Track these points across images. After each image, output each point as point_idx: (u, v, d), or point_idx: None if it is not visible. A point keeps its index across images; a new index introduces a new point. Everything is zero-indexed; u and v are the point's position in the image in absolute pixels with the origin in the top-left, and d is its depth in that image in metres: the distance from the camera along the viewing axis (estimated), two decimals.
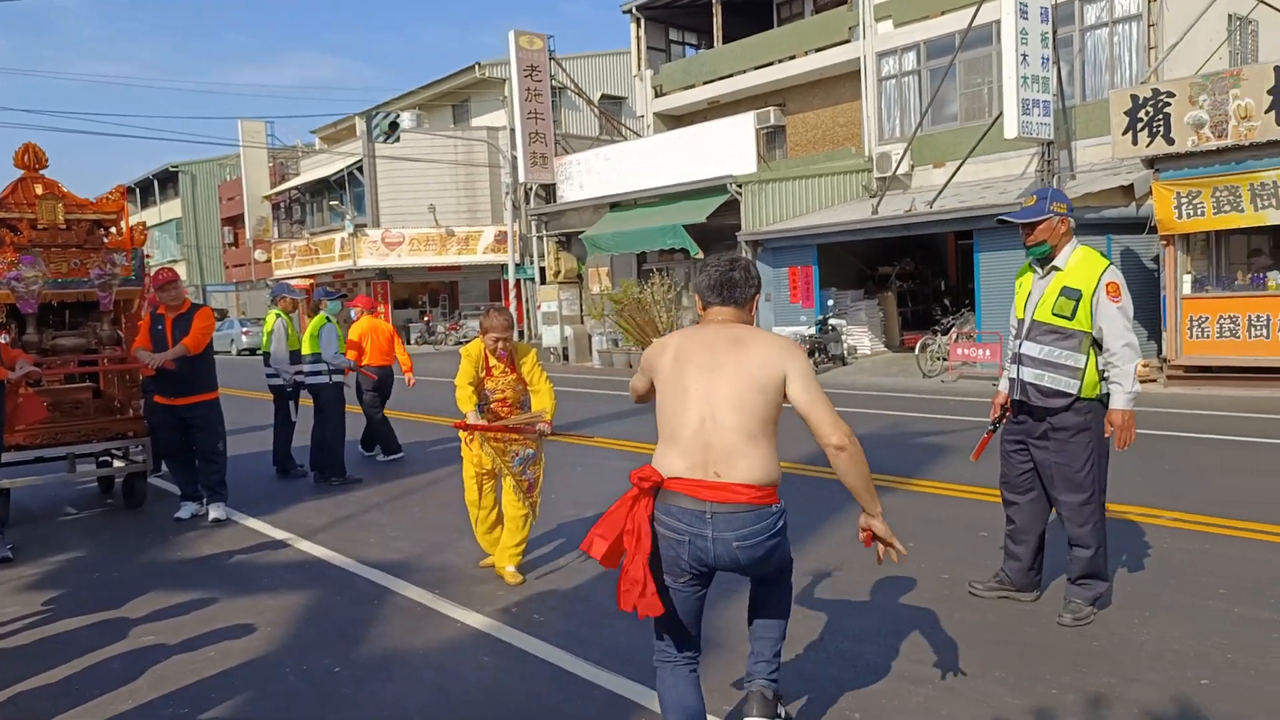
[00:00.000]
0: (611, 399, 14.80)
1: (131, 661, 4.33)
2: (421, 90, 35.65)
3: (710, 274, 3.11)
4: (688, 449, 2.84)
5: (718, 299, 3.08)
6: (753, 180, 19.38)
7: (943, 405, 12.15)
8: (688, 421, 2.86)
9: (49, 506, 8.04)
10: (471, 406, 5.14)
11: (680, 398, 2.90)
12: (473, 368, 5.21)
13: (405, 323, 34.59)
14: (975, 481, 7.13)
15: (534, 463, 5.33)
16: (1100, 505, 4.35)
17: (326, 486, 8.34)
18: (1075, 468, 4.27)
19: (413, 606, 4.97)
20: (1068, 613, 4.30)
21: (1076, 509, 4.31)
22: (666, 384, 2.96)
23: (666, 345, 3.05)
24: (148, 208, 52.81)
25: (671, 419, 2.91)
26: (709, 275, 3.11)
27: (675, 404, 2.91)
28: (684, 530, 2.82)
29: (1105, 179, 14.88)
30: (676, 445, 2.87)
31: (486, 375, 5.28)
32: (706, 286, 3.10)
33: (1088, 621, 4.26)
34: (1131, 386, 4.15)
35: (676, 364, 2.95)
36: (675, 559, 2.87)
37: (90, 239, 7.46)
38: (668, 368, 2.97)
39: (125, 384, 7.78)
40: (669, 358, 2.98)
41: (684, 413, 2.88)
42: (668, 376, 2.96)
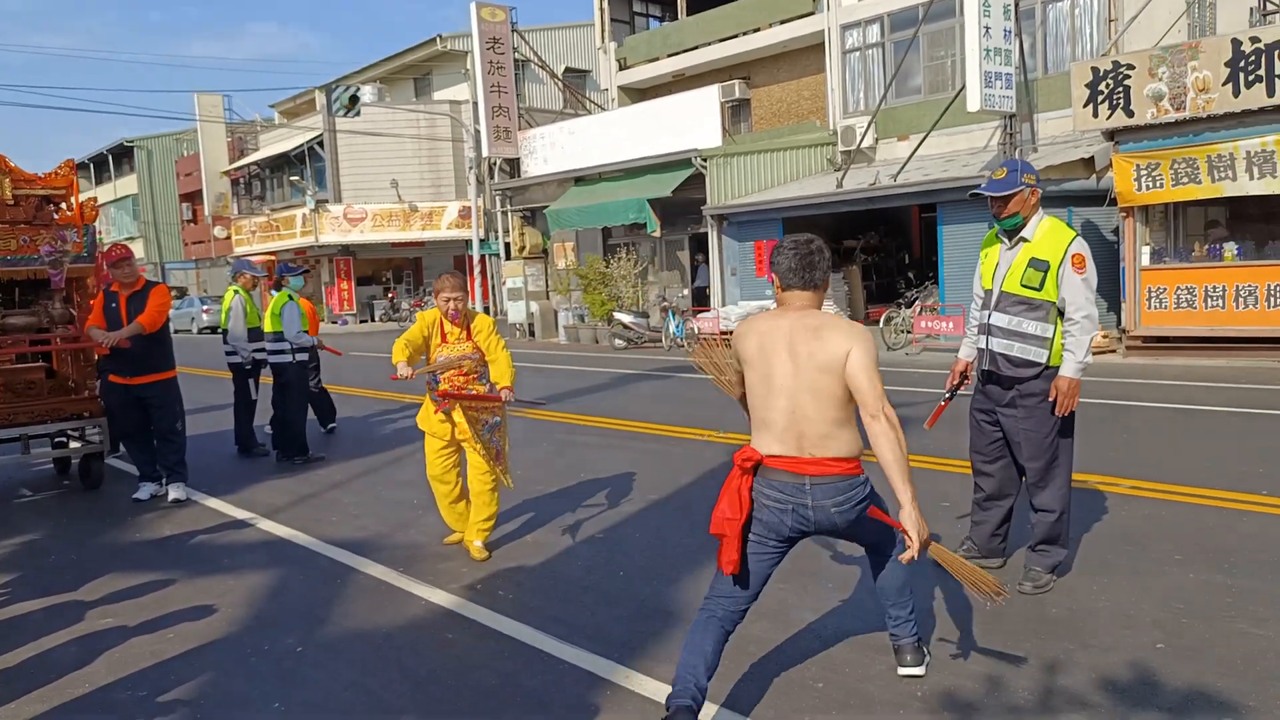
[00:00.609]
0: (577, 374, 14.77)
1: (88, 645, 4.25)
2: (382, 63, 35.11)
3: (790, 256, 3.22)
4: (782, 436, 3.10)
5: (799, 282, 3.21)
6: (718, 154, 19.33)
7: (906, 378, 12.25)
8: (778, 411, 3.10)
9: (3, 489, 7.88)
10: (402, 358, 5.09)
11: (767, 388, 3.13)
12: (421, 330, 5.20)
13: (369, 300, 34.23)
14: (937, 452, 7.20)
15: (498, 430, 5.30)
16: (1066, 471, 4.41)
17: (289, 465, 8.24)
18: (1043, 433, 4.33)
19: (377, 585, 4.93)
20: (1028, 581, 4.35)
21: (1042, 473, 4.37)
22: (754, 373, 3.17)
23: (750, 332, 3.22)
24: (103, 184, 51.69)
25: (762, 408, 3.15)
26: (789, 257, 3.22)
27: (764, 394, 3.14)
28: (787, 500, 3.11)
29: (1067, 151, 15.00)
30: (771, 432, 3.12)
31: (442, 342, 5.24)
32: (788, 269, 3.21)
33: (1047, 589, 4.32)
34: (1083, 356, 4.22)
35: (761, 354, 3.14)
36: (779, 524, 3.15)
37: (39, 215, 7.27)
38: (754, 356, 3.16)
39: (79, 363, 7.62)
40: (754, 346, 3.17)
41: (773, 403, 3.12)
42: (754, 365, 3.16)
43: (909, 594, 3.55)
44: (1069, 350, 4.23)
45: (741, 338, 3.24)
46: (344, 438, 9.59)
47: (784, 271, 3.22)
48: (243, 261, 9.45)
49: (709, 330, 3.35)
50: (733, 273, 19.57)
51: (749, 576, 3.21)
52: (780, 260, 3.24)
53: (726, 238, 19.57)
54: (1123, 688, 3.38)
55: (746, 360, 3.19)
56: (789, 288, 3.23)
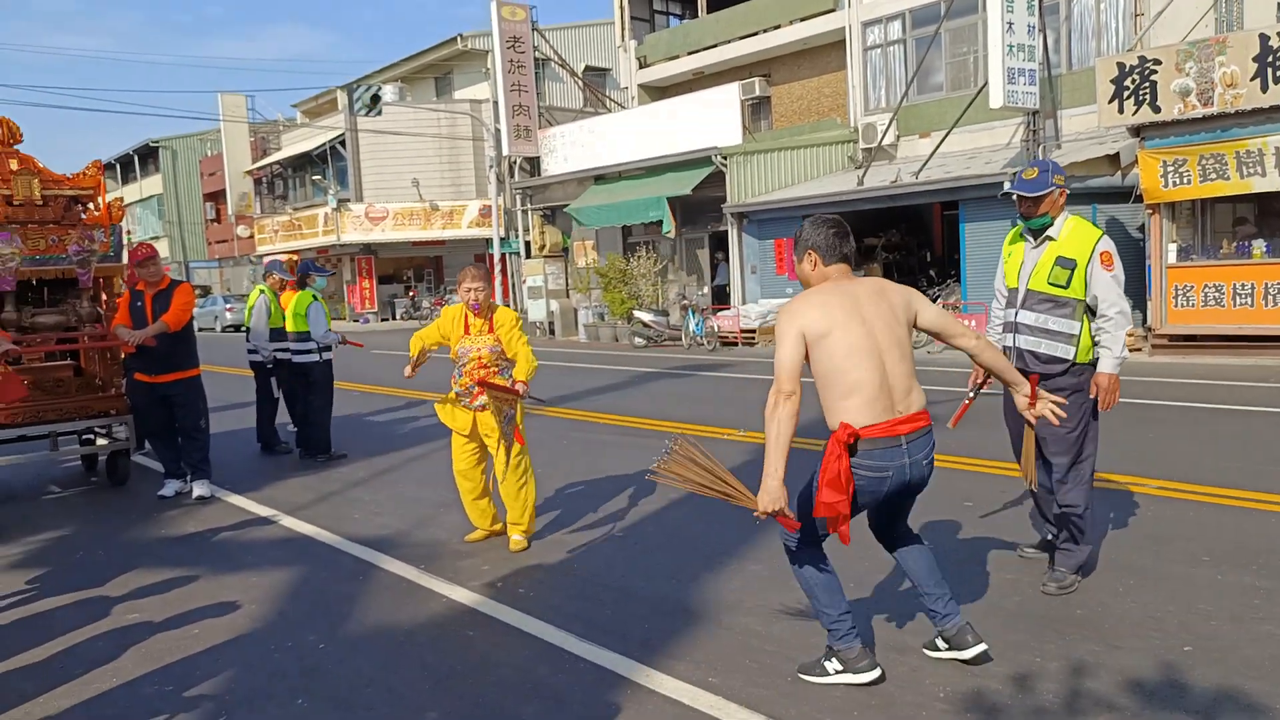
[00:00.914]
0: (597, 373, 14.78)
1: (116, 640, 4.30)
2: (403, 63, 35.26)
3: (828, 233, 3.35)
4: (874, 399, 3.20)
5: (839, 257, 3.36)
6: (738, 151, 19.28)
7: (927, 376, 12.18)
8: (868, 373, 3.19)
9: (32, 485, 7.99)
10: (415, 350, 5.34)
11: (852, 355, 3.19)
12: (439, 327, 5.37)
13: (390, 298, 34.40)
14: (960, 451, 7.15)
15: (510, 422, 5.32)
16: (1090, 467, 4.41)
17: (311, 463, 8.30)
18: (1069, 428, 4.30)
19: (398, 582, 4.96)
20: (1052, 581, 4.32)
21: (1068, 469, 4.36)
22: (833, 344, 3.20)
23: (809, 308, 3.24)
24: (128, 184, 52.22)
25: (847, 376, 3.21)
26: (828, 234, 3.35)
27: (848, 362, 3.20)
28: (888, 467, 3.24)
29: (1091, 148, 14.86)
30: (860, 396, 3.20)
31: (464, 334, 5.29)
32: (830, 245, 3.35)
33: (1072, 589, 4.29)
34: (1120, 351, 4.26)
35: (837, 325, 3.20)
36: (876, 491, 3.30)
37: (68, 215, 7.35)
38: (829, 329, 3.20)
39: (106, 361, 7.70)
40: (822, 320, 3.21)
41: (862, 368, 3.19)
42: (832, 337, 3.20)
43: (940, 574, 3.61)
44: (1105, 347, 4.26)
45: (801, 315, 3.23)
46: (365, 435, 9.64)
47: (827, 248, 3.35)
48: (275, 263, 9.50)
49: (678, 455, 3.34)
50: (753, 270, 19.52)
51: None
52: (818, 237, 3.36)
53: (747, 236, 19.53)
54: (1150, 690, 3.35)
55: (819, 335, 3.19)
56: (831, 262, 3.35)
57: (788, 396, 3.18)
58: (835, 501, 3.16)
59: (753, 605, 4.35)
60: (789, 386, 3.18)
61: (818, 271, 3.38)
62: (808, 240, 3.39)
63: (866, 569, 4.74)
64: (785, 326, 3.24)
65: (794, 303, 3.30)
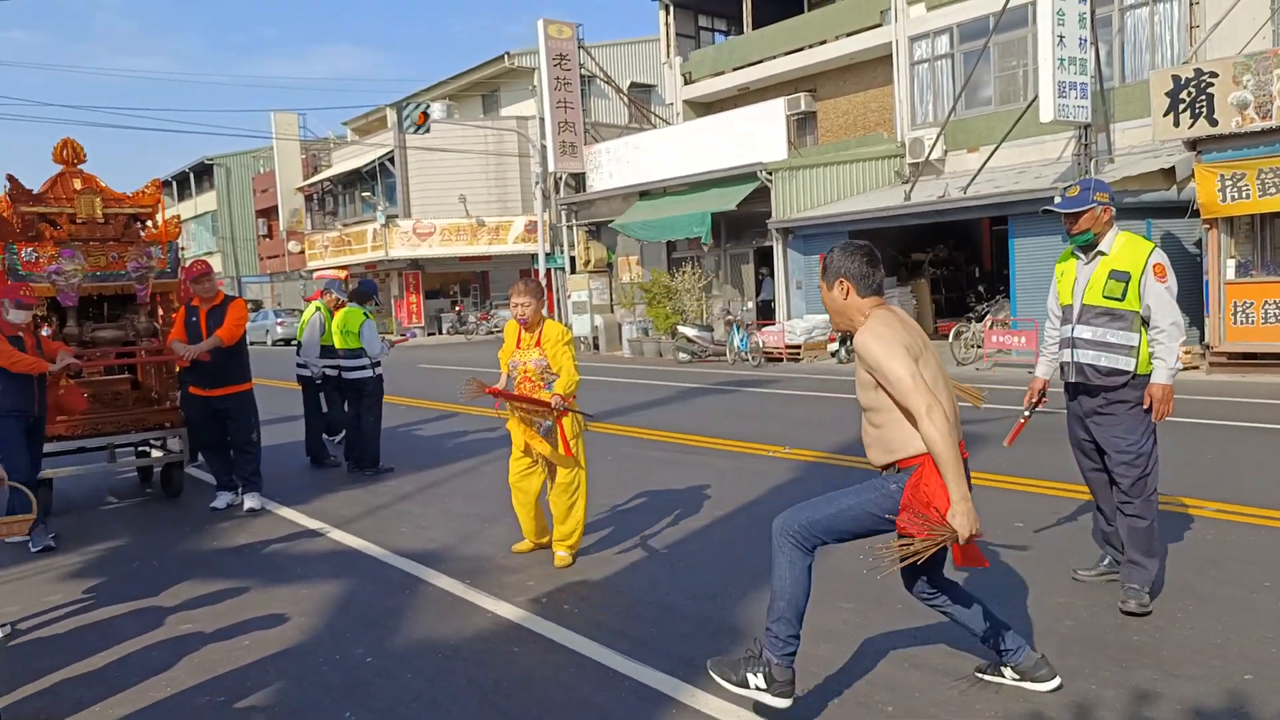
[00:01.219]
0: (642, 388, 14.78)
1: (170, 649, 4.38)
2: (451, 80, 35.76)
3: (862, 262, 3.23)
4: (955, 423, 3.11)
5: (874, 288, 3.25)
6: (783, 167, 19.24)
7: None
8: (948, 399, 3.15)
9: (91, 496, 8.18)
10: (503, 370, 5.53)
11: (934, 379, 3.13)
12: (507, 342, 5.54)
13: (437, 313, 34.78)
14: (1011, 471, 7.04)
15: (553, 433, 5.33)
16: (1155, 479, 4.38)
17: (359, 476, 8.40)
18: (1132, 439, 4.32)
19: (444, 596, 4.99)
20: (1131, 598, 4.25)
21: (1133, 481, 4.32)
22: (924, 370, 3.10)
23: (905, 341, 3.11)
24: (184, 200, 53.48)
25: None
26: (862, 263, 3.22)
27: (933, 385, 3.10)
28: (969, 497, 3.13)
29: (1145, 162, 14.59)
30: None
31: (516, 348, 5.45)
32: (862, 276, 3.23)
33: (1148, 608, 4.22)
34: (1174, 363, 4.26)
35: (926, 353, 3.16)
36: None
37: (127, 232, 7.54)
38: (921, 354, 3.14)
39: (162, 375, 7.88)
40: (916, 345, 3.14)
41: (941, 391, 3.13)
42: (924, 362, 3.13)
43: (993, 616, 3.48)
44: (1159, 358, 4.26)
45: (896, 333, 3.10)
46: (412, 449, 9.74)
47: (860, 277, 3.24)
48: (334, 282, 9.66)
49: None
50: (798, 286, 19.42)
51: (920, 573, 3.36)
52: (852, 266, 3.23)
53: (792, 251, 19.45)
54: (1210, 719, 3.26)
55: (915, 353, 3.10)
56: (868, 294, 3.24)
57: (938, 405, 2.99)
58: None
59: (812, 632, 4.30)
60: (930, 397, 2.99)
61: (851, 301, 3.23)
62: (840, 268, 3.24)
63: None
64: (886, 345, 3.06)
65: (877, 326, 3.12)
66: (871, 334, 3.10)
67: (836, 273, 3.25)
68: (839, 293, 3.26)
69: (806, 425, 9.63)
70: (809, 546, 3.26)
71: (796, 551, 3.25)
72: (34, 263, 7.02)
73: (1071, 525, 5.63)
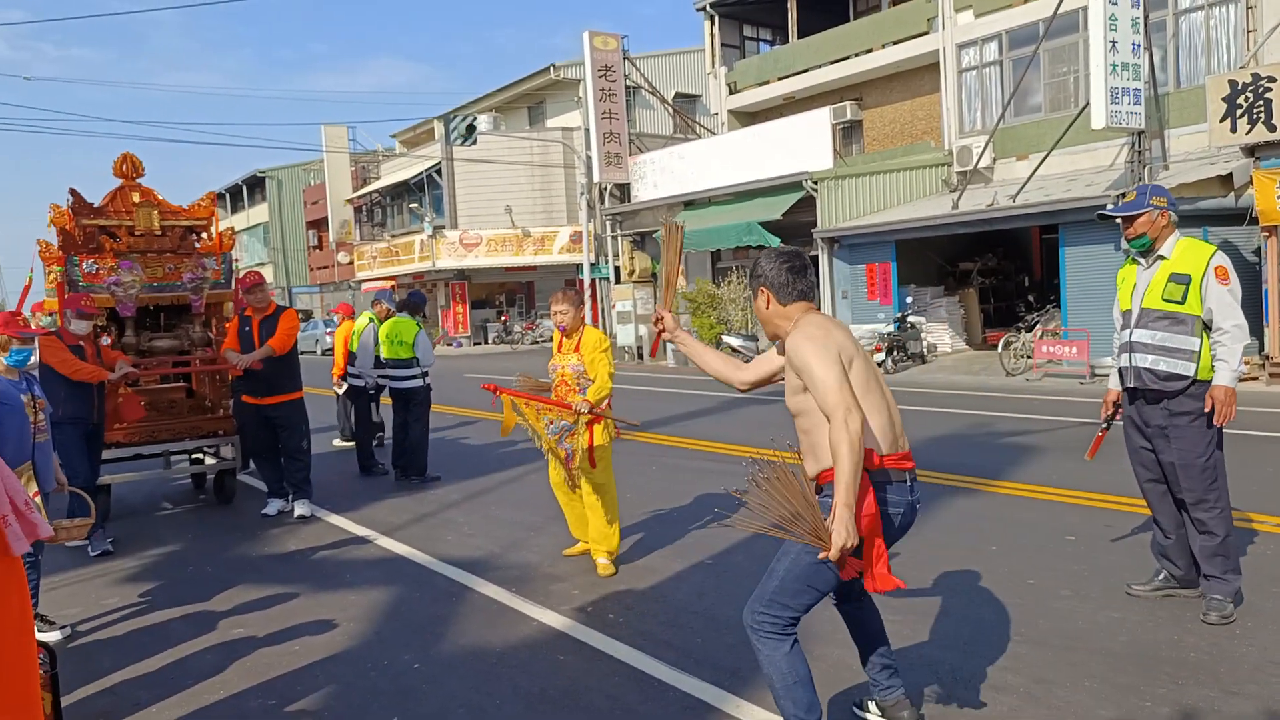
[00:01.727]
0: (686, 398, 14.77)
1: (222, 653, 4.47)
2: (498, 93, 36.09)
3: (782, 268, 3.09)
4: (886, 426, 2.98)
5: (796, 295, 3.10)
6: (829, 176, 19.14)
7: (1027, 404, 11.83)
8: (881, 402, 3.00)
9: (147, 502, 8.36)
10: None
11: (869, 382, 2.98)
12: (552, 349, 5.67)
13: (483, 323, 35.08)
14: (1061, 484, 6.92)
15: (571, 435, 5.37)
16: (1224, 490, 4.29)
17: (406, 484, 8.49)
18: (1197, 452, 4.25)
19: (490, 604, 5.03)
20: (1213, 611, 4.18)
21: (1201, 495, 4.25)
22: (856, 373, 2.95)
23: (838, 342, 2.95)
24: (236, 212, 54.58)
25: (864, 403, 2.91)
26: (782, 270, 3.09)
27: (865, 391, 2.94)
28: (902, 503, 2.98)
29: (1201, 169, 14.29)
30: (877, 421, 2.95)
31: (557, 352, 5.60)
32: (783, 284, 3.09)
33: (1232, 619, 4.15)
34: (1237, 365, 4.17)
35: (859, 356, 3.00)
36: (893, 531, 2.99)
37: (183, 244, 7.72)
38: (855, 360, 2.97)
39: (216, 384, 8.04)
40: (850, 347, 2.98)
41: (874, 394, 2.98)
42: (856, 365, 2.97)
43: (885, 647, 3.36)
44: (1222, 360, 4.18)
45: (829, 335, 2.95)
46: (458, 458, 9.83)
47: (781, 285, 3.09)
48: (385, 293, 9.87)
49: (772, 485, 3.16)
50: (844, 295, 19.30)
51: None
52: (772, 273, 3.09)
53: (838, 260, 19.33)
54: None
55: (847, 360, 2.92)
56: (790, 300, 3.09)
57: (857, 412, 2.78)
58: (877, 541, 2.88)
59: (844, 638, 4.26)
60: (851, 403, 2.78)
61: (773, 309, 3.11)
62: (761, 276, 3.12)
63: (959, 605, 4.61)
64: (815, 345, 2.90)
65: (808, 328, 2.98)
66: (803, 335, 2.95)
67: (758, 280, 3.14)
68: (761, 301, 3.15)
69: None
70: (782, 628, 2.96)
71: (769, 641, 2.96)
72: (94, 274, 7.21)
73: (1127, 540, 5.52)
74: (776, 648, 2.94)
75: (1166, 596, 4.50)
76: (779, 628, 2.95)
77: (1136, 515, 5.82)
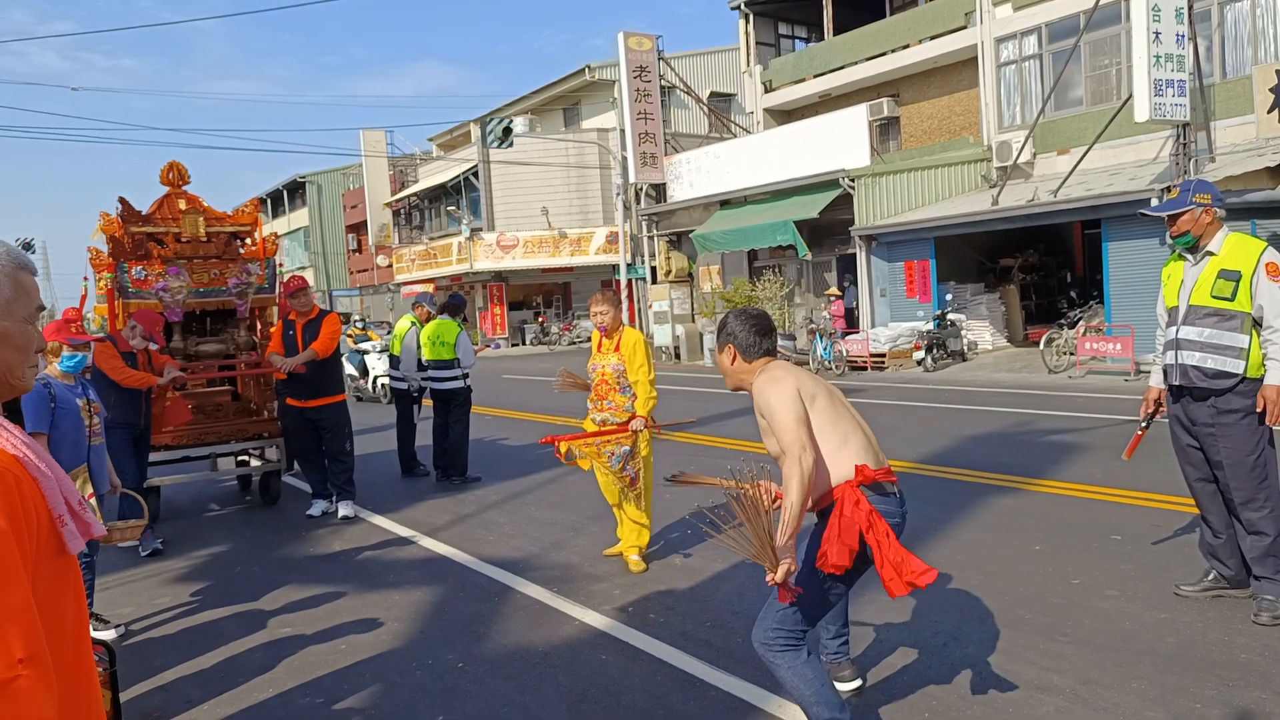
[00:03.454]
0: (723, 398, 14.74)
1: (271, 651, 4.56)
2: (533, 95, 36.27)
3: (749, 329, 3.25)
4: (866, 445, 3.11)
5: (761, 353, 3.26)
6: (866, 174, 19.01)
7: (1070, 402, 11.67)
8: (853, 425, 3.14)
9: (195, 503, 8.53)
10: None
11: (838, 411, 3.14)
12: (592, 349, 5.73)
13: (520, 324, 35.28)
14: (1106, 482, 6.83)
15: (633, 457, 5.45)
16: (1275, 489, 4.22)
17: (447, 485, 8.58)
18: (1246, 450, 4.18)
19: (531, 604, 5.07)
20: (1264, 611, 4.12)
21: (1251, 493, 4.18)
22: (822, 407, 3.10)
23: (798, 383, 3.09)
24: (278, 217, 55.37)
25: (838, 426, 3.10)
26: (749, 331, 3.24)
27: (835, 418, 3.11)
28: (896, 513, 3.10)
29: (1249, 160, 14.00)
30: (855, 442, 3.10)
31: (597, 352, 5.66)
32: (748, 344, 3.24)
33: None
34: None
35: (827, 393, 3.16)
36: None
37: (228, 250, 7.87)
38: (813, 390, 3.11)
39: (261, 387, 8.18)
40: (811, 386, 3.13)
41: (844, 419, 3.13)
42: (821, 400, 3.12)
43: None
44: (1272, 359, 4.09)
45: (789, 376, 3.11)
46: (499, 459, 9.90)
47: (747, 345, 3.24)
48: (425, 295, 9.95)
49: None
50: (882, 293, 19.15)
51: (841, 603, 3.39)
52: (741, 332, 3.25)
53: (875, 258, 19.19)
54: None
55: (810, 396, 3.07)
56: (755, 358, 3.24)
57: (811, 451, 2.93)
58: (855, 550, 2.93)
59: (884, 637, 4.26)
60: (807, 442, 2.93)
61: (737, 365, 3.26)
62: (729, 335, 3.27)
63: (1004, 606, 4.57)
64: (779, 387, 3.04)
65: (772, 371, 3.14)
66: (766, 379, 3.11)
67: (726, 339, 3.29)
68: (726, 357, 3.30)
69: (893, 434, 9.49)
70: (795, 642, 3.05)
71: (785, 655, 3.04)
72: (143, 280, 7.37)
73: (1174, 539, 5.44)
74: (795, 658, 3.05)
75: (1216, 597, 4.43)
76: (793, 640, 3.06)
77: (1184, 514, 5.73)
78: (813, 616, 3.10)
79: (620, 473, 5.44)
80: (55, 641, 2.51)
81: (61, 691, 2.57)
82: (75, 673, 2.66)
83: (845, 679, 3.67)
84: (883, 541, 2.94)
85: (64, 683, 2.68)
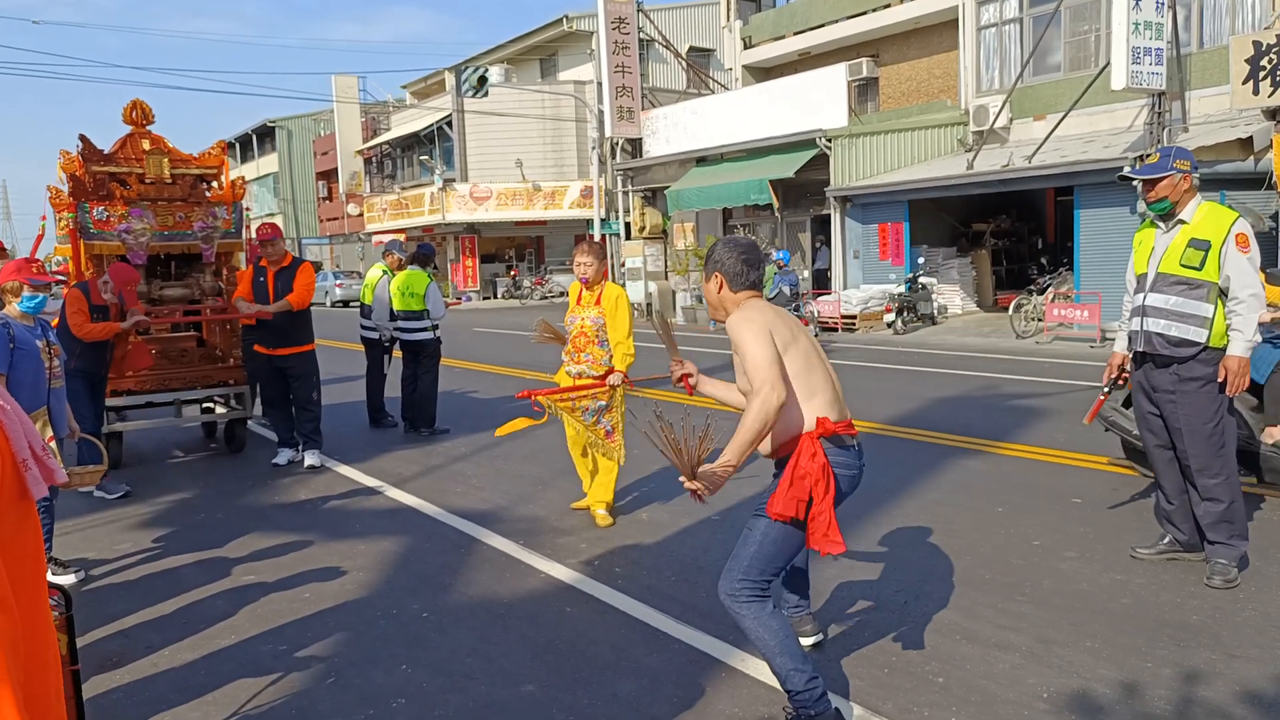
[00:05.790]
0: (694, 355, 14.76)
1: (233, 599, 4.53)
2: (510, 44, 35.66)
3: (738, 258, 3.21)
4: (833, 399, 3.12)
5: (747, 284, 3.23)
6: (843, 134, 18.92)
7: (1036, 367, 11.80)
8: (826, 380, 3.13)
9: (159, 450, 8.43)
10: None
11: (810, 359, 3.13)
12: (570, 302, 5.67)
13: (492, 277, 35.02)
14: (1069, 447, 6.92)
15: (608, 411, 5.46)
16: (1231, 458, 4.30)
17: (415, 436, 8.54)
18: (1204, 418, 4.24)
19: (498, 556, 5.08)
20: (1216, 575, 4.21)
21: (1207, 461, 4.25)
22: (795, 353, 3.08)
23: (772, 324, 3.06)
24: (246, 162, 54.33)
25: (810, 377, 3.10)
26: (738, 259, 3.21)
27: (807, 367, 3.10)
28: (854, 465, 3.15)
29: (1222, 131, 14.08)
30: (823, 396, 3.10)
31: (576, 304, 5.60)
32: (735, 273, 3.22)
33: (1236, 583, 4.18)
34: (1252, 335, 4.15)
35: (798, 338, 3.13)
36: (843, 494, 3.13)
37: (193, 193, 7.69)
38: (788, 336, 3.09)
39: (226, 333, 8.07)
40: (786, 331, 3.10)
41: (819, 371, 3.13)
42: (797, 346, 3.10)
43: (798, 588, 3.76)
44: (1237, 330, 4.15)
45: (762, 317, 3.07)
46: (467, 412, 9.87)
47: (734, 274, 3.22)
48: (395, 243, 9.80)
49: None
50: (855, 255, 19.19)
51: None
52: (728, 261, 3.22)
53: (850, 220, 19.19)
54: (1268, 702, 3.20)
55: (784, 343, 3.05)
56: (740, 289, 3.22)
57: (781, 391, 2.92)
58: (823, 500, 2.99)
59: (846, 594, 4.31)
60: (777, 381, 2.92)
61: (724, 294, 3.24)
62: (717, 263, 3.25)
63: (966, 566, 4.64)
64: (753, 326, 3.02)
65: (748, 311, 3.11)
66: (742, 317, 3.10)
67: (714, 267, 3.27)
68: (714, 285, 3.27)
69: (861, 395, 9.55)
70: (760, 594, 3.07)
71: (750, 605, 3.05)
72: (105, 221, 7.20)
73: (1132, 503, 5.53)
74: (761, 609, 3.06)
75: (1171, 560, 4.52)
76: (758, 591, 3.07)
77: (1143, 479, 5.83)
78: (776, 566, 3.11)
79: (595, 426, 5.44)
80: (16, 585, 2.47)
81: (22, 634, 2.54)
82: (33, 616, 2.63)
83: (806, 634, 3.70)
84: (826, 499, 3.00)
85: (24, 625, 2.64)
